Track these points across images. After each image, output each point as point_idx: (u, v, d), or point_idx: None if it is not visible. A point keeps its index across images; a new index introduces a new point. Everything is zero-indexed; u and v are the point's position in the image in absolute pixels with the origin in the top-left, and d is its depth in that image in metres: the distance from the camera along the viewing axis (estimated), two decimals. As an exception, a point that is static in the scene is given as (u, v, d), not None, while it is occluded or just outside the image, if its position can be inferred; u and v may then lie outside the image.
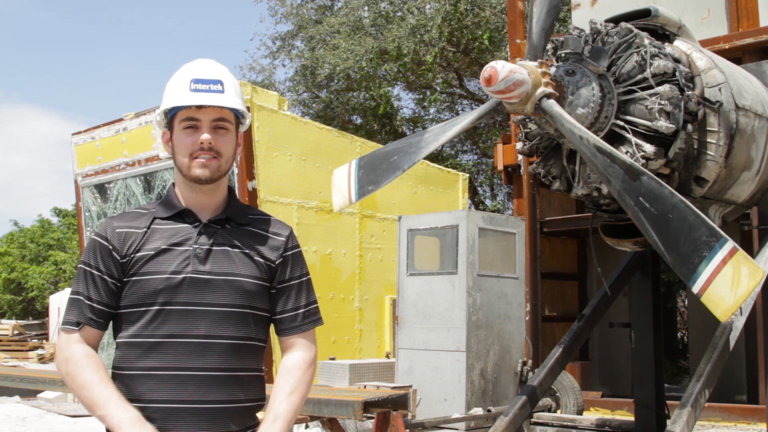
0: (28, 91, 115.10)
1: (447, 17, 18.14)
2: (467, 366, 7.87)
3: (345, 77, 20.48)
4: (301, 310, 2.31)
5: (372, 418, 4.74)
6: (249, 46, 64.52)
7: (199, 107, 2.18)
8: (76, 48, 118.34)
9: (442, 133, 4.21)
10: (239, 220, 2.28)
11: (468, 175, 14.70)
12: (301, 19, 21.47)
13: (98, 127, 11.94)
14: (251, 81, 20.75)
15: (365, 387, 6.97)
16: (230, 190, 2.33)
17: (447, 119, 5.44)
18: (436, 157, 19.01)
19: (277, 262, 2.28)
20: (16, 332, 24.58)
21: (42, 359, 21.11)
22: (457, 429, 7.43)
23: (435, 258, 8.81)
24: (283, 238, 2.32)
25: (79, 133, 12.32)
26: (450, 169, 14.32)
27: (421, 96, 22.34)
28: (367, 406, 4.57)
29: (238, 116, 2.27)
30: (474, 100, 21.44)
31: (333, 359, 8.77)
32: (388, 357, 10.02)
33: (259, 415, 2.27)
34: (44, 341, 24.13)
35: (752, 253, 4.89)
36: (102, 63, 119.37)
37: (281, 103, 10.53)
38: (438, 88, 21.38)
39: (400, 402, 4.67)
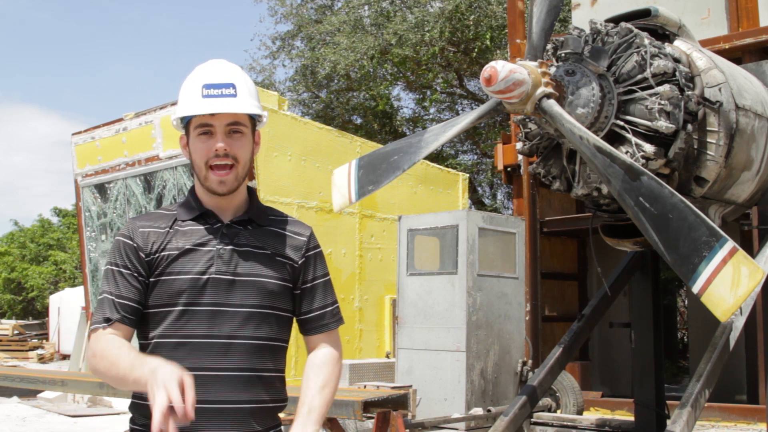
0: (28, 91, 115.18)
1: (450, 15, 18.14)
2: (467, 366, 7.87)
3: (345, 77, 20.48)
4: (328, 309, 2.33)
5: (372, 418, 4.74)
6: (249, 46, 64.59)
7: (213, 113, 2.16)
8: (76, 48, 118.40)
9: (442, 133, 4.21)
10: (261, 221, 2.28)
11: (468, 175, 14.70)
12: (300, 19, 21.48)
13: (98, 127, 11.94)
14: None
15: (365, 387, 6.97)
16: (251, 190, 2.33)
17: (447, 119, 5.44)
18: (436, 157, 19.01)
19: (299, 263, 2.28)
20: (16, 332, 24.60)
21: (42, 359, 21.12)
22: (457, 429, 7.43)
23: (435, 258, 8.81)
24: (305, 238, 2.32)
25: (79, 133, 12.32)
26: (450, 169, 14.32)
27: (421, 96, 22.34)
28: (367, 406, 4.57)
29: (253, 117, 2.26)
30: (474, 100, 21.44)
31: (333, 359, 8.75)
32: (388, 357, 10.02)
33: (281, 415, 2.28)
34: (44, 341, 24.14)
35: (752, 253, 4.89)
36: (102, 63, 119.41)
37: (281, 103, 10.53)
38: (438, 88, 21.38)
39: (400, 402, 4.67)
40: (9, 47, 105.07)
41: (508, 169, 11.04)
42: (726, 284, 3.18)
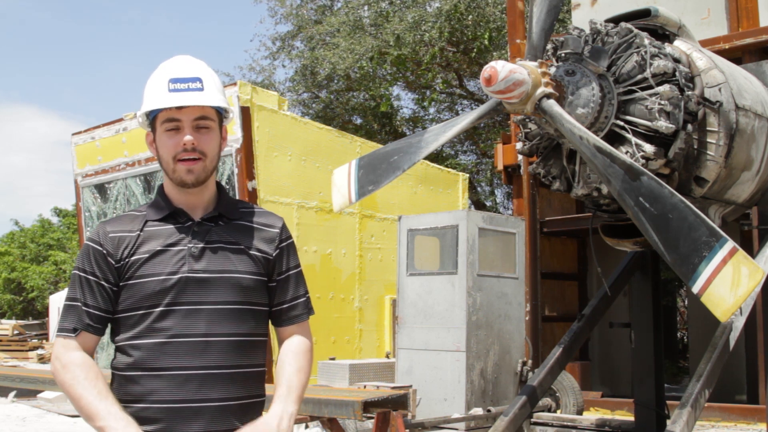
0: (27, 90, 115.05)
1: (448, 16, 18.15)
2: (467, 366, 7.87)
3: (345, 77, 20.49)
4: (300, 300, 2.34)
5: (372, 418, 4.74)
6: (249, 46, 64.51)
7: (180, 108, 2.15)
8: (75, 48, 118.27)
9: (442, 133, 4.21)
10: (231, 216, 2.27)
11: (468, 175, 14.70)
12: (300, 20, 21.49)
13: (98, 127, 11.95)
14: (251, 81, 20.75)
15: (365, 387, 6.97)
16: (219, 185, 2.32)
17: (447, 119, 5.44)
18: (436, 157, 19.02)
19: (274, 255, 2.28)
20: (16, 332, 24.58)
21: (42, 359, 21.12)
22: (457, 429, 7.43)
23: (435, 258, 8.81)
24: (277, 230, 2.31)
25: (79, 133, 12.33)
26: (450, 169, 14.33)
27: (421, 96, 22.35)
28: (367, 406, 4.57)
29: (220, 111, 2.25)
30: (474, 100, 21.45)
31: (333, 359, 8.76)
32: (388, 357, 10.02)
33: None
34: (44, 341, 24.13)
35: (752, 253, 4.89)
36: (102, 63, 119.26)
37: (281, 103, 10.54)
38: (438, 88, 21.39)
39: (400, 402, 4.67)
40: (9, 47, 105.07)
41: (508, 169, 11.03)
42: (726, 284, 3.18)
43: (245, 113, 9.71)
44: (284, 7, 21.81)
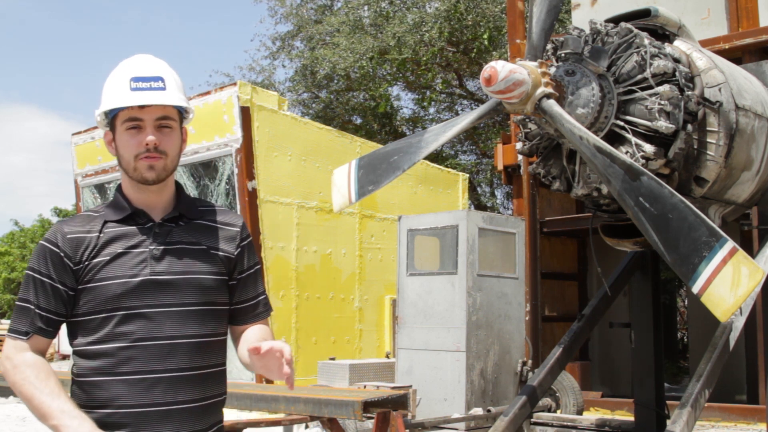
0: (27, 91, 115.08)
1: (448, 16, 18.17)
2: (467, 366, 7.87)
3: (345, 77, 20.49)
4: (260, 298, 2.34)
5: (372, 418, 4.74)
6: (249, 46, 64.52)
7: (142, 106, 2.12)
8: (75, 48, 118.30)
9: (442, 133, 4.21)
10: (191, 215, 2.25)
11: (468, 175, 14.70)
12: (300, 20, 21.50)
13: (98, 127, 11.92)
14: (251, 81, 20.75)
15: (365, 387, 6.97)
16: (178, 185, 2.30)
17: (447, 119, 5.44)
18: (436, 157, 19.01)
19: (235, 254, 2.27)
20: (16, 332, 24.58)
21: (42, 359, 21.09)
22: (457, 429, 7.43)
23: (435, 258, 8.81)
24: (238, 229, 2.30)
25: (79, 133, 12.33)
26: (450, 169, 14.33)
27: (421, 96, 22.36)
28: (367, 406, 4.56)
29: (181, 111, 2.23)
30: (474, 100, 21.44)
31: (333, 359, 8.77)
32: (388, 357, 10.02)
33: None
34: (44, 341, 24.10)
35: (752, 253, 4.89)
36: (102, 63, 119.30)
37: (281, 103, 10.53)
38: (437, 88, 21.39)
39: (400, 402, 4.67)
40: (8, 47, 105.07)
41: (508, 169, 11.03)
42: (726, 284, 3.18)
43: (245, 113, 9.70)
44: (284, 7, 21.82)
